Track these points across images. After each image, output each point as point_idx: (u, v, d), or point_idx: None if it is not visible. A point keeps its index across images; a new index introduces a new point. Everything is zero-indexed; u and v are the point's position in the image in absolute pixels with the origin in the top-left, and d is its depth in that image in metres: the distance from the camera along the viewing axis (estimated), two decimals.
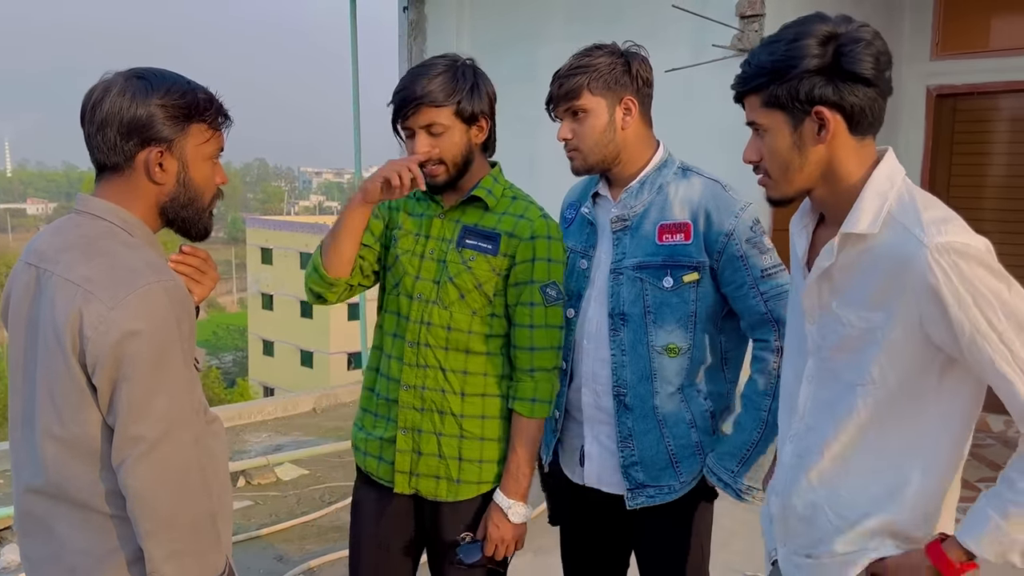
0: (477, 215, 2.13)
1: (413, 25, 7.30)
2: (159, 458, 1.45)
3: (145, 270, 1.48)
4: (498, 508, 2.11)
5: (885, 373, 1.49)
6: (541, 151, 6.45)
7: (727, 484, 2.05)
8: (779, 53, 1.49)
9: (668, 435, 2.07)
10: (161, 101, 1.54)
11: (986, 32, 5.90)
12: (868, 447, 1.54)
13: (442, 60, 2.07)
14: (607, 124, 2.04)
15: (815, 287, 1.59)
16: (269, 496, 4.75)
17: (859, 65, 1.44)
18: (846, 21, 1.49)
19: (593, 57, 2.03)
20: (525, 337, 2.09)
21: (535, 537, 2.35)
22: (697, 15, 4.98)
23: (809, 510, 1.62)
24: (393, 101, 2.05)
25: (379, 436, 2.19)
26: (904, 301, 1.44)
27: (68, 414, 1.48)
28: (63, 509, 1.53)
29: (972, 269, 1.38)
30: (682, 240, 2.03)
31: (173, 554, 1.47)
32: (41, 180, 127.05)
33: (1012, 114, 6.00)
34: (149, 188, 1.57)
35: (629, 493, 2.10)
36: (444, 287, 2.09)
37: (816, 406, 1.62)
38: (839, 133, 1.49)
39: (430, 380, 2.11)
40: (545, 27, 6.31)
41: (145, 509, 1.45)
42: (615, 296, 2.08)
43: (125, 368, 1.43)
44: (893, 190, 1.49)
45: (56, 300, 1.47)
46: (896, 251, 1.44)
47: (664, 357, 2.05)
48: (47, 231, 1.60)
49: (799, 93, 1.47)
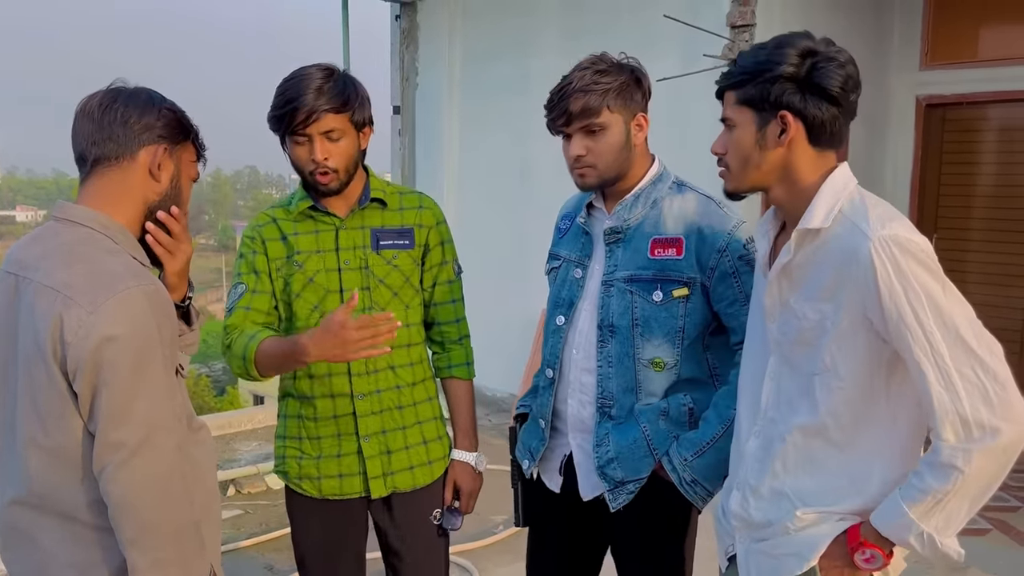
0: (377, 216, 2.20)
1: (405, 33, 7.31)
2: (140, 464, 1.44)
3: (125, 275, 1.47)
4: (465, 464, 2.32)
5: (836, 360, 1.58)
6: (533, 160, 6.47)
7: (675, 470, 2.01)
8: (761, 57, 1.62)
9: (645, 424, 2.06)
10: (171, 109, 1.64)
11: (975, 42, 5.94)
12: (828, 439, 1.63)
13: (319, 69, 2.06)
14: (624, 141, 2.03)
15: (775, 284, 1.68)
16: (259, 505, 4.74)
17: (828, 81, 1.57)
18: (827, 44, 1.62)
19: (606, 73, 2.00)
20: (450, 312, 2.32)
21: (523, 545, 2.37)
22: (688, 25, 5.00)
23: (774, 497, 1.70)
24: (287, 108, 2.01)
25: (336, 454, 2.19)
26: (850, 291, 1.54)
27: (51, 422, 1.47)
28: (48, 521, 1.51)
29: (908, 263, 1.48)
30: (674, 255, 2.03)
31: (156, 562, 1.45)
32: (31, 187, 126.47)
33: (1001, 124, 6.04)
34: (144, 184, 1.60)
35: (610, 494, 2.08)
36: (376, 290, 2.16)
37: (778, 400, 1.71)
38: (798, 140, 1.61)
39: (383, 382, 2.18)
40: (537, 37, 6.33)
41: (127, 516, 1.44)
42: (605, 307, 2.07)
43: (105, 373, 1.42)
44: (845, 192, 1.61)
45: (36, 306, 1.46)
46: (844, 244, 1.55)
47: (649, 370, 2.05)
48: (26, 239, 1.60)
49: (769, 95, 1.60)
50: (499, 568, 3.96)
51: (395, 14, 7.35)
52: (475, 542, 4.15)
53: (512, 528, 4.28)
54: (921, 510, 1.49)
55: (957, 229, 6.17)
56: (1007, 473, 1.49)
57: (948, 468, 1.46)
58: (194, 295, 1.83)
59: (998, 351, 1.48)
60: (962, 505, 1.49)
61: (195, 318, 1.81)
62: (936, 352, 1.46)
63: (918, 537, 1.51)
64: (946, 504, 1.49)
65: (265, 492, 4.92)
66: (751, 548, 1.77)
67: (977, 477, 1.46)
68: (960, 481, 1.46)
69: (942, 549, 1.52)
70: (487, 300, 6.84)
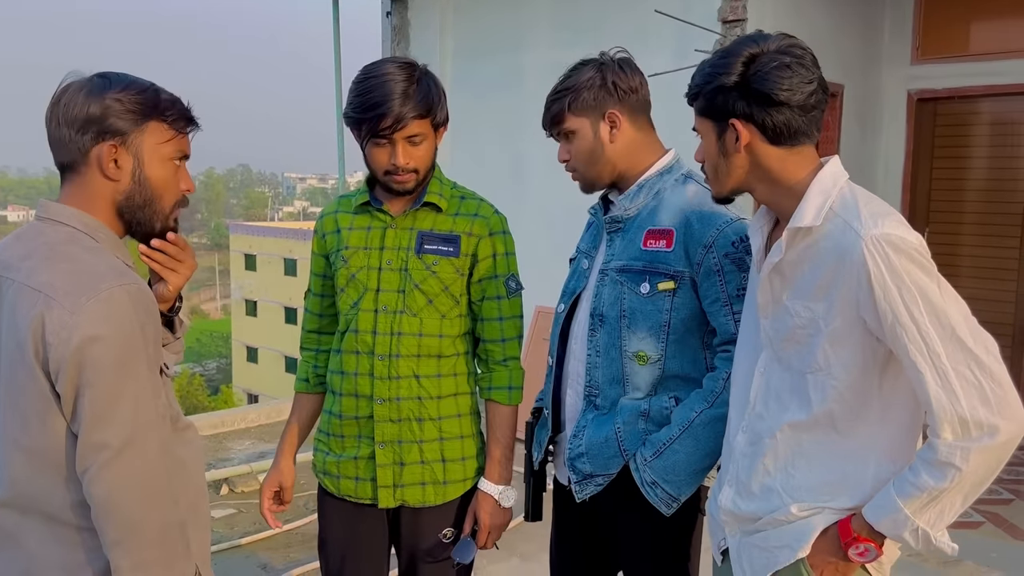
0: (430, 219, 2.14)
1: (396, 30, 7.29)
2: (124, 465, 1.42)
3: (108, 274, 1.45)
4: (489, 497, 2.18)
5: (829, 359, 1.58)
6: (525, 157, 6.46)
7: (636, 470, 1.99)
8: (707, 69, 1.65)
9: (619, 422, 2.02)
10: (117, 96, 1.52)
11: (966, 36, 5.95)
12: (820, 436, 1.63)
13: (400, 68, 2.01)
14: (593, 142, 2.04)
15: (767, 282, 1.68)
16: (253, 504, 4.72)
17: (769, 86, 1.56)
18: (779, 39, 1.61)
19: (573, 76, 2.03)
20: (496, 330, 2.19)
21: (519, 542, 2.35)
22: (680, 20, 4.99)
23: (765, 493, 1.70)
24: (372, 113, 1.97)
25: (353, 456, 2.17)
26: (843, 290, 1.53)
27: (34, 423, 1.45)
28: (32, 523, 1.49)
29: (902, 261, 1.47)
30: (663, 247, 1.99)
31: (139, 564, 1.44)
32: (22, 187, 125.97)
33: (992, 117, 6.06)
34: (104, 186, 1.54)
35: (576, 485, 2.08)
36: (411, 295, 2.10)
37: (767, 395, 1.71)
38: (756, 144, 1.62)
39: (404, 390, 2.12)
40: (528, 33, 6.32)
41: (110, 518, 1.42)
42: (598, 296, 2.07)
43: (87, 374, 1.40)
44: (835, 188, 1.59)
45: (18, 307, 1.44)
46: (836, 243, 1.54)
47: (634, 363, 2.02)
48: (9, 239, 1.57)
49: (716, 105, 1.63)
50: (493, 565, 3.96)
51: (386, 11, 7.33)
52: None
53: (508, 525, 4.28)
54: (916, 505, 1.49)
55: (949, 223, 6.19)
56: (1002, 468, 1.49)
57: (946, 466, 1.45)
58: (183, 304, 1.80)
59: (994, 348, 1.47)
60: (956, 500, 1.50)
61: (179, 326, 1.78)
62: (932, 352, 1.45)
63: (912, 532, 1.51)
64: (941, 500, 1.49)
65: (258, 491, 4.90)
66: (743, 542, 1.77)
67: (974, 474, 1.46)
68: (957, 478, 1.45)
69: (936, 544, 1.52)
70: None
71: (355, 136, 2.08)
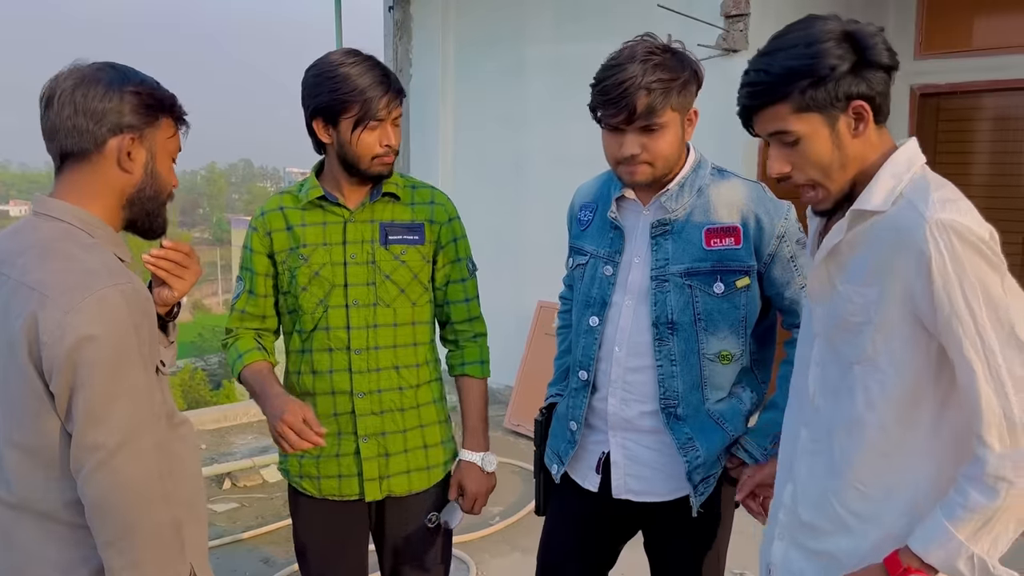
0: (388, 210, 2.16)
1: (399, 24, 7.29)
2: (118, 466, 1.41)
3: (102, 273, 1.44)
4: (472, 464, 2.23)
5: (878, 350, 1.47)
6: (528, 150, 6.46)
7: (757, 460, 2.02)
8: (805, 57, 1.47)
9: (729, 430, 2.05)
10: (136, 89, 1.53)
11: (969, 31, 5.93)
12: (868, 440, 1.51)
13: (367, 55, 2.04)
14: (680, 137, 1.96)
15: (823, 266, 1.58)
16: (255, 498, 4.73)
17: (883, 57, 1.47)
18: (837, 19, 1.51)
19: (670, 69, 1.88)
20: (463, 310, 2.28)
21: (520, 537, 2.36)
22: (683, 15, 4.98)
23: (821, 499, 1.60)
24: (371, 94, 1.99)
25: (335, 454, 2.16)
26: (898, 274, 1.42)
27: (28, 422, 1.44)
28: (26, 520, 1.49)
29: (966, 252, 1.36)
30: (732, 244, 1.97)
31: (133, 564, 1.43)
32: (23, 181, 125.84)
33: (995, 113, 6.04)
34: (117, 177, 1.54)
35: (695, 498, 2.04)
36: (382, 286, 2.12)
37: (824, 388, 1.61)
38: (869, 123, 1.49)
39: (384, 382, 2.14)
40: (531, 27, 6.30)
41: (104, 518, 1.41)
42: (660, 304, 1.99)
43: (81, 374, 1.39)
44: (909, 173, 1.48)
45: (11, 304, 1.43)
46: (897, 223, 1.43)
47: (717, 364, 2.00)
48: (5, 234, 1.56)
49: (838, 92, 1.46)
50: (496, 559, 3.97)
51: (388, 5, 7.32)
52: (471, 533, 4.15)
53: (509, 519, 4.29)
54: (969, 530, 1.37)
55: None
56: None
57: (996, 480, 1.35)
58: (180, 310, 1.79)
59: None
60: (1009, 523, 1.37)
61: (172, 331, 1.77)
62: (988, 349, 1.35)
63: (967, 562, 1.38)
64: (995, 522, 1.36)
65: (261, 485, 4.92)
66: (789, 552, 1.68)
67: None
68: (1011, 494, 1.34)
69: (994, 573, 1.38)
70: (482, 291, 6.81)
71: (325, 125, 2.04)
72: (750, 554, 2.48)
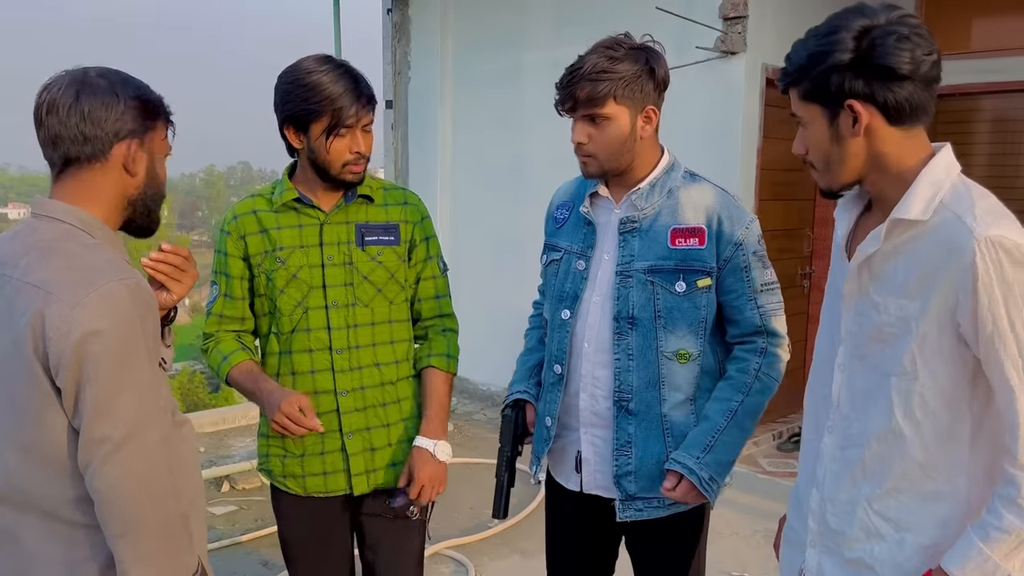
0: (363, 212, 2.19)
1: (397, 27, 7.29)
2: (126, 458, 1.42)
3: (106, 269, 1.46)
4: (424, 450, 2.20)
5: (916, 364, 1.45)
6: (526, 152, 6.45)
7: (692, 471, 1.97)
8: (812, 47, 1.48)
9: (671, 446, 2.03)
10: (137, 95, 1.57)
11: (967, 33, 5.94)
12: (905, 452, 1.49)
13: (340, 62, 2.08)
14: (628, 133, 1.98)
15: (856, 274, 1.55)
16: (254, 501, 4.73)
17: (891, 59, 1.41)
18: (887, 11, 1.45)
19: (619, 60, 1.94)
20: (434, 307, 2.32)
21: (519, 540, 2.36)
22: (681, 17, 4.98)
23: (850, 507, 1.58)
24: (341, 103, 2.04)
25: (319, 452, 2.19)
26: (942, 289, 1.40)
27: (30, 419, 1.45)
28: (30, 520, 1.49)
29: (1015, 271, 1.35)
30: (696, 244, 2.00)
31: (143, 556, 1.44)
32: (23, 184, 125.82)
33: (994, 115, 6.04)
34: (122, 181, 1.57)
35: (620, 504, 2.07)
36: (360, 287, 2.15)
37: (852, 395, 1.58)
38: (877, 126, 1.46)
39: (367, 379, 2.18)
40: (528, 30, 6.31)
41: (113, 511, 1.43)
42: (622, 299, 2.02)
43: (88, 368, 1.40)
44: (948, 180, 1.46)
45: (16, 304, 1.44)
46: (943, 238, 1.41)
47: (674, 363, 2.02)
48: (5, 236, 1.58)
49: (830, 87, 1.46)
50: (494, 562, 3.96)
51: (387, 8, 7.33)
52: (470, 536, 4.15)
53: (508, 522, 4.28)
54: (1004, 550, 1.37)
55: None
56: None
57: None
58: (176, 314, 1.82)
59: None
60: None
61: (168, 335, 1.78)
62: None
63: None
64: None
65: (260, 488, 4.91)
66: (821, 560, 1.65)
67: None
68: None
69: None
70: (480, 293, 6.84)
71: (296, 132, 2.07)
72: (750, 555, 2.48)
